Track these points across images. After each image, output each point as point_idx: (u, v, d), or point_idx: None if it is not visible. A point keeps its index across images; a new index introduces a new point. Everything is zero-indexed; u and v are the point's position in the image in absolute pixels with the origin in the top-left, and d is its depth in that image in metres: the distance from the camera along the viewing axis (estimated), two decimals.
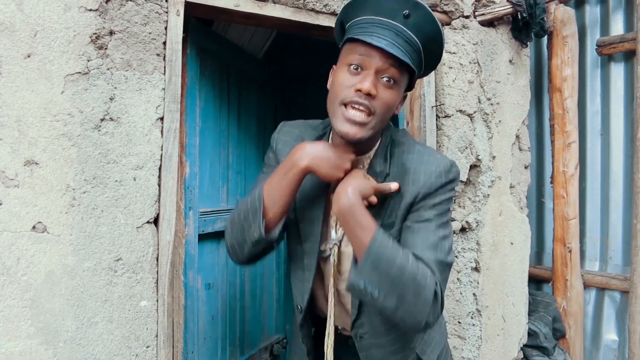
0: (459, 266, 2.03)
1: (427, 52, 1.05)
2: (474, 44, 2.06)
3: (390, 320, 1.05)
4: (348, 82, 1.01)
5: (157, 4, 1.41)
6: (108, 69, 1.33)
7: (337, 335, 1.21)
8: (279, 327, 2.73)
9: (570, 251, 2.40)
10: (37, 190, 1.24)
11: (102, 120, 1.32)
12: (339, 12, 1.09)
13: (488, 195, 2.09)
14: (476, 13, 2.08)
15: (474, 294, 2.06)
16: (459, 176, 1.12)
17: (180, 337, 1.54)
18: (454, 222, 1.99)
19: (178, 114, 1.43)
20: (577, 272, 2.42)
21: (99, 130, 1.32)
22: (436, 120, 1.98)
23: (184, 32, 1.46)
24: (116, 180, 1.34)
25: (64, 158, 1.28)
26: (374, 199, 1.05)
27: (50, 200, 1.26)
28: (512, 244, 2.19)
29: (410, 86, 1.11)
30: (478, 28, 2.08)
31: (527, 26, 2.13)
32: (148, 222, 1.38)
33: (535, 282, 2.73)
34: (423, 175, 1.07)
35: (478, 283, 2.07)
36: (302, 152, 1.06)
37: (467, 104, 2.03)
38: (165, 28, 1.42)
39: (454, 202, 2.03)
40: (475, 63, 2.06)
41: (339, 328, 1.26)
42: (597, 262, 2.60)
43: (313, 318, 1.28)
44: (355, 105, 1.00)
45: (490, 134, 2.11)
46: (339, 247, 1.15)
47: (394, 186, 1.06)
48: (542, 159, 2.80)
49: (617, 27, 2.54)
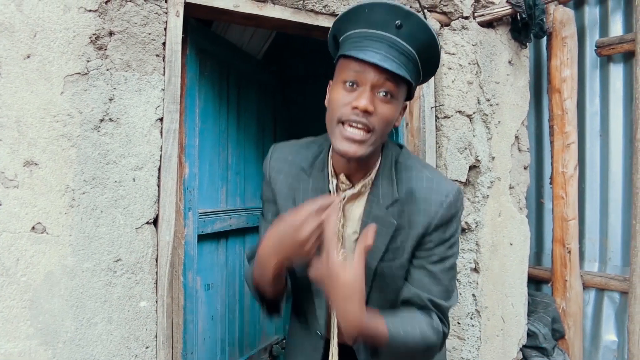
0: (459, 267, 2.02)
1: (424, 60, 1.03)
2: (473, 45, 2.06)
3: None
4: (344, 100, 0.98)
5: (156, 4, 1.41)
6: (107, 70, 1.33)
7: (342, 348, 1.20)
8: (278, 327, 2.73)
9: (569, 252, 2.41)
10: (36, 191, 1.24)
11: (101, 120, 1.32)
12: (331, 26, 1.07)
13: (487, 196, 2.09)
14: (475, 14, 2.08)
15: (473, 295, 2.06)
16: (463, 201, 1.14)
17: (180, 338, 1.54)
18: None
19: (177, 115, 1.44)
20: (576, 272, 2.42)
21: (98, 131, 1.32)
22: (435, 121, 1.98)
23: (183, 32, 1.46)
24: (115, 181, 1.33)
25: (63, 159, 1.28)
26: (370, 243, 0.95)
27: (49, 201, 1.26)
28: (511, 244, 2.19)
29: (409, 96, 1.09)
30: (477, 29, 2.08)
31: (526, 27, 2.13)
32: (147, 222, 1.38)
33: (535, 282, 2.72)
34: (434, 206, 1.05)
35: (477, 284, 2.07)
36: (266, 249, 0.99)
37: (466, 105, 2.03)
38: (165, 29, 1.42)
39: None
40: (474, 64, 2.06)
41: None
42: (597, 263, 2.60)
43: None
44: (353, 124, 0.98)
45: (490, 135, 2.11)
46: None
47: (369, 242, 0.95)
48: (542, 159, 2.80)
49: (616, 28, 2.54)
